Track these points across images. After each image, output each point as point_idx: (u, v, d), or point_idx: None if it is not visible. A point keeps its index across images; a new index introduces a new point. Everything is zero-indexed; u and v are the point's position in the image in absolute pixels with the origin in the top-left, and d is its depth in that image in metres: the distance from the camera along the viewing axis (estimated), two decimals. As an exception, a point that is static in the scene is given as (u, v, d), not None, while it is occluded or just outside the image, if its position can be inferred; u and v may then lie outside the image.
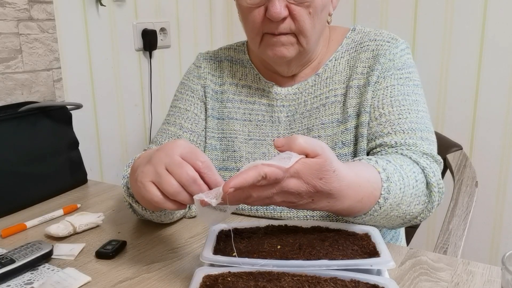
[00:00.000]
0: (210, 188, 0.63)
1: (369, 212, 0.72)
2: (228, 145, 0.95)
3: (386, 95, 0.87)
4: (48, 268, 0.75)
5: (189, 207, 0.95)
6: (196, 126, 0.98)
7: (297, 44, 0.87)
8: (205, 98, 1.00)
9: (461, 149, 1.19)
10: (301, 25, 0.84)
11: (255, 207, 0.91)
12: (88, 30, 1.42)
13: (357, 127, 0.88)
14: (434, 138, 0.88)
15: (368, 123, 0.87)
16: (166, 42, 1.69)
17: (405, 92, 0.88)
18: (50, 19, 1.28)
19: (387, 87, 0.88)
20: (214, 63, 1.02)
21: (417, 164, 0.80)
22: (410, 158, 0.80)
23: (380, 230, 0.91)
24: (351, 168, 0.68)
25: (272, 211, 0.90)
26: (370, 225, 0.78)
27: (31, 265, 0.74)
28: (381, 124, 0.86)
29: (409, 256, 0.78)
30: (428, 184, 0.79)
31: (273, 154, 0.92)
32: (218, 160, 0.96)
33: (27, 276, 0.73)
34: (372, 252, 0.67)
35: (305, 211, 0.88)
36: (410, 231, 1.22)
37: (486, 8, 1.53)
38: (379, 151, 0.85)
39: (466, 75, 1.60)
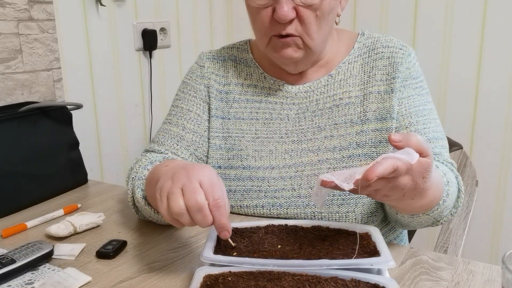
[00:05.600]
0: (214, 223, 0.66)
1: (428, 211, 0.77)
2: (234, 144, 0.95)
3: (411, 105, 0.91)
4: (48, 268, 0.75)
5: None
6: (198, 127, 0.98)
7: (304, 46, 0.87)
8: (209, 98, 0.99)
9: (461, 148, 1.19)
10: (307, 27, 0.85)
11: (260, 205, 0.91)
12: (88, 30, 1.42)
13: (376, 130, 0.90)
14: (447, 144, 0.93)
15: (398, 130, 0.90)
16: (166, 42, 1.69)
17: (422, 102, 0.92)
18: (50, 19, 1.28)
19: (409, 96, 0.91)
20: (217, 62, 1.02)
21: (452, 171, 0.85)
22: (446, 165, 0.86)
23: (382, 230, 0.92)
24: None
25: (278, 208, 0.90)
26: (411, 225, 0.83)
27: (32, 265, 0.74)
28: None
29: (410, 255, 0.78)
30: (459, 191, 0.84)
31: (280, 151, 0.93)
32: (223, 159, 0.96)
33: (27, 276, 0.73)
34: (372, 251, 0.67)
35: (312, 208, 0.88)
36: (411, 230, 1.22)
37: (486, 8, 1.53)
38: None
39: (466, 74, 1.60)
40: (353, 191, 0.61)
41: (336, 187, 0.61)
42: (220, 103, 0.99)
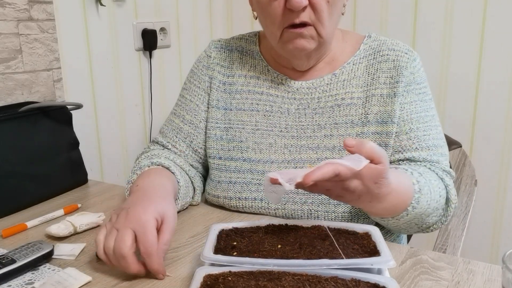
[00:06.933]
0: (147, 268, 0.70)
1: (397, 216, 0.79)
2: (235, 136, 0.96)
3: (412, 111, 0.91)
4: (48, 268, 0.75)
5: (192, 197, 0.99)
6: (195, 117, 1.00)
7: (317, 36, 0.88)
8: (210, 89, 1.01)
9: (461, 146, 1.19)
10: (320, 15, 0.86)
11: (259, 198, 0.92)
12: (88, 30, 1.42)
13: (376, 133, 0.90)
14: (448, 152, 0.94)
15: (398, 136, 0.90)
16: (166, 42, 1.69)
17: (425, 108, 0.93)
18: (50, 19, 1.28)
19: (411, 102, 0.92)
20: (224, 52, 1.03)
21: (442, 180, 0.86)
22: (437, 174, 0.87)
23: (381, 230, 0.92)
24: (394, 176, 0.73)
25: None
26: (391, 228, 0.85)
27: (32, 265, 0.74)
28: (410, 139, 0.90)
29: (410, 255, 0.78)
30: (447, 200, 0.86)
31: (279, 145, 0.93)
32: (223, 150, 0.97)
33: (28, 276, 0.73)
34: (372, 251, 0.67)
35: (309, 205, 0.89)
36: (410, 230, 1.22)
37: (486, 8, 1.53)
38: (405, 164, 0.90)
39: (466, 74, 1.60)
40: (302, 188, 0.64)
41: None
42: (223, 94, 1.00)
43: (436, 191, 0.83)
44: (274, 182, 0.64)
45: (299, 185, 0.63)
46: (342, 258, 0.64)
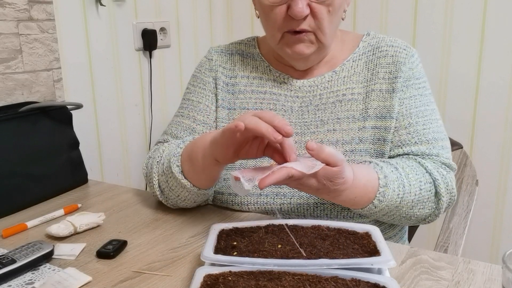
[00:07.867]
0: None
1: (365, 208, 0.82)
2: None
3: (412, 105, 0.92)
4: (49, 268, 0.75)
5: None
6: (208, 117, 1.01)
7: (316, 41, 0.90)
8: (216, 89, 1.02)
9: (461, 147, 1.19)
10: (320, 22, 0.87)
11: (265, 194, 0.93)
12: (88, 30, 1.42)
13: (375, 128, 0.92)
14: (449, 144, 0.95)
15: (397, 130, 0.91)
16: (166, 42, 1.69)
17: (425, 102, 0.94)
18: (50, 19, 1.28)
19: (411, 97, 0.93)
20: (225, 56, 1.05)
21: (430, 174, 0.87)
22: (426, 168, 0.87)
23: (381, 226, 0.92)
24: (354, 171, 0.78)
25: (282, 197, 0.91)
26: (374, 219, 0.87)
27: (32, 265, 0.74)
28: (409, 134, 0.91)
29: (410, 255, 0.78)
30: (437, 193, 0.87)
31: None
32: None
33: (28, 276, 0.73)
34: (372, 251, 0.67)
35: (315, 199, 0.90)
36: (411, 229, 1.22)
37: (486, 8, 1.53)
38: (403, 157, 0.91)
39: (466, 74, 1.60)
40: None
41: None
42: (227, 95, 1.01)
43: (415, 185, 0.84)
44: (237, 179, 0.69)
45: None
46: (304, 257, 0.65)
